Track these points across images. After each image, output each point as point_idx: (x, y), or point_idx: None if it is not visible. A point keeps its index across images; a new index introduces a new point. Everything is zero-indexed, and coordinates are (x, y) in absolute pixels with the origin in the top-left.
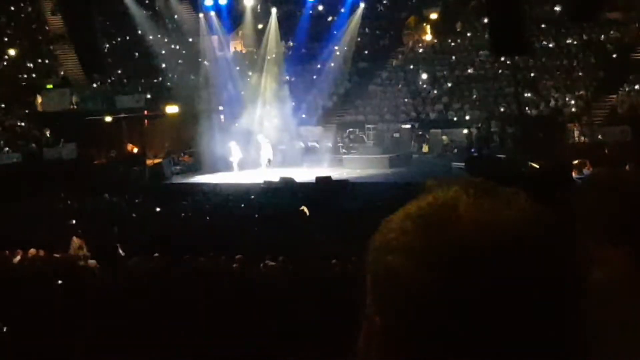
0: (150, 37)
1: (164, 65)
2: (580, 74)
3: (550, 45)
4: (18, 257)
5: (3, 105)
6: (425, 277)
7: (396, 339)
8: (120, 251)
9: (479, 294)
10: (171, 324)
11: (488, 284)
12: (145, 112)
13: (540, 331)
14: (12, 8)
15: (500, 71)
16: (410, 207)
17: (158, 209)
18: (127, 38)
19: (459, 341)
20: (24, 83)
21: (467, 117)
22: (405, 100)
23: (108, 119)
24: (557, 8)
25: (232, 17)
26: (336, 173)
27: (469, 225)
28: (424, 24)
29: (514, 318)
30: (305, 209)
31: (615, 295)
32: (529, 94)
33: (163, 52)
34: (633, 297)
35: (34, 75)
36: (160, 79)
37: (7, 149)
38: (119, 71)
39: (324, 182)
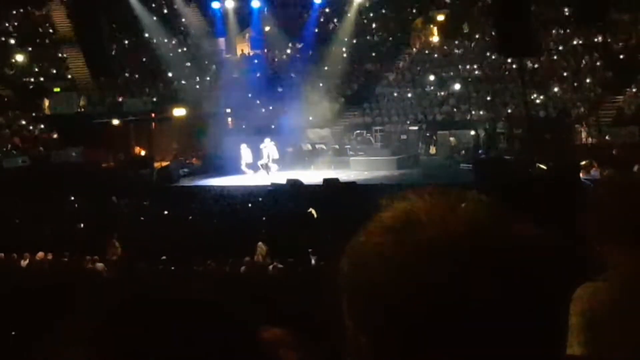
0: (158, 40)
1: (171, 69)
2: (587, 75)
3: (558, 46)
4: (26, 261)
5: (11, 110)
6: (400, 280)
7: (385, 353)
8: (311, 257)
9: (453, 286)
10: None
11: (457, 276)
12: (153, 115)
13: (516, 320)
14: (21, 11)
15: (507, 73)
16: (373, 224)
17: (166, 212)
18: (135, 41)
19: (445, 341)
20: (31, 87)
21: (475, 119)
22: (413, 101)
23: (116, 122)
24: (565, 9)
25: (239, 20)
26: (344, 175)
27: (430, 224)
28: (431, 26)
29: (488, 308)
30: (313, 211)
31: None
32: (537, 96)
33: (170, 55)
34: None
35: (41, 79)
36: (168, 82)
37: (15, 152)
38: (127, 74)
39: (331, 184)
